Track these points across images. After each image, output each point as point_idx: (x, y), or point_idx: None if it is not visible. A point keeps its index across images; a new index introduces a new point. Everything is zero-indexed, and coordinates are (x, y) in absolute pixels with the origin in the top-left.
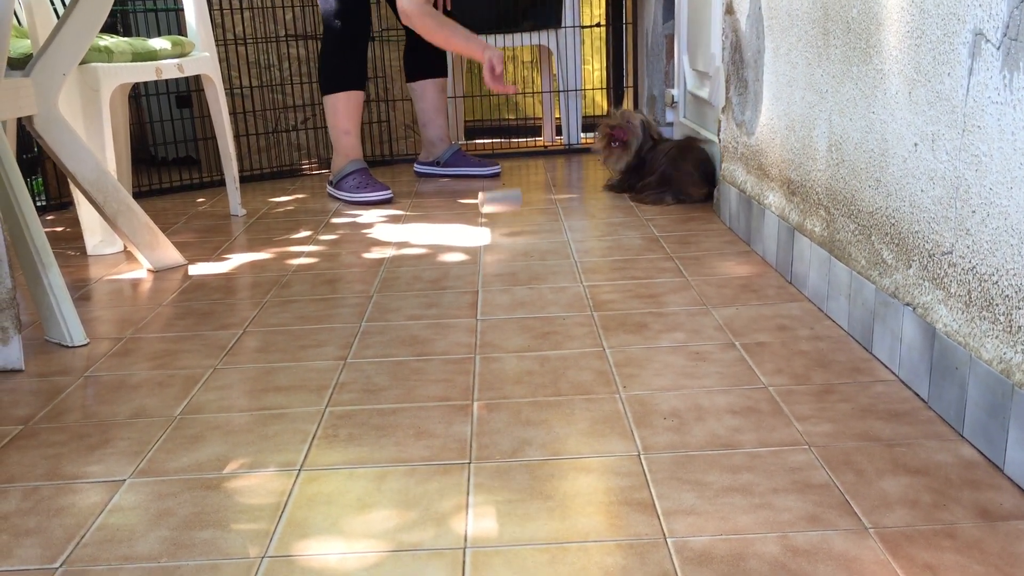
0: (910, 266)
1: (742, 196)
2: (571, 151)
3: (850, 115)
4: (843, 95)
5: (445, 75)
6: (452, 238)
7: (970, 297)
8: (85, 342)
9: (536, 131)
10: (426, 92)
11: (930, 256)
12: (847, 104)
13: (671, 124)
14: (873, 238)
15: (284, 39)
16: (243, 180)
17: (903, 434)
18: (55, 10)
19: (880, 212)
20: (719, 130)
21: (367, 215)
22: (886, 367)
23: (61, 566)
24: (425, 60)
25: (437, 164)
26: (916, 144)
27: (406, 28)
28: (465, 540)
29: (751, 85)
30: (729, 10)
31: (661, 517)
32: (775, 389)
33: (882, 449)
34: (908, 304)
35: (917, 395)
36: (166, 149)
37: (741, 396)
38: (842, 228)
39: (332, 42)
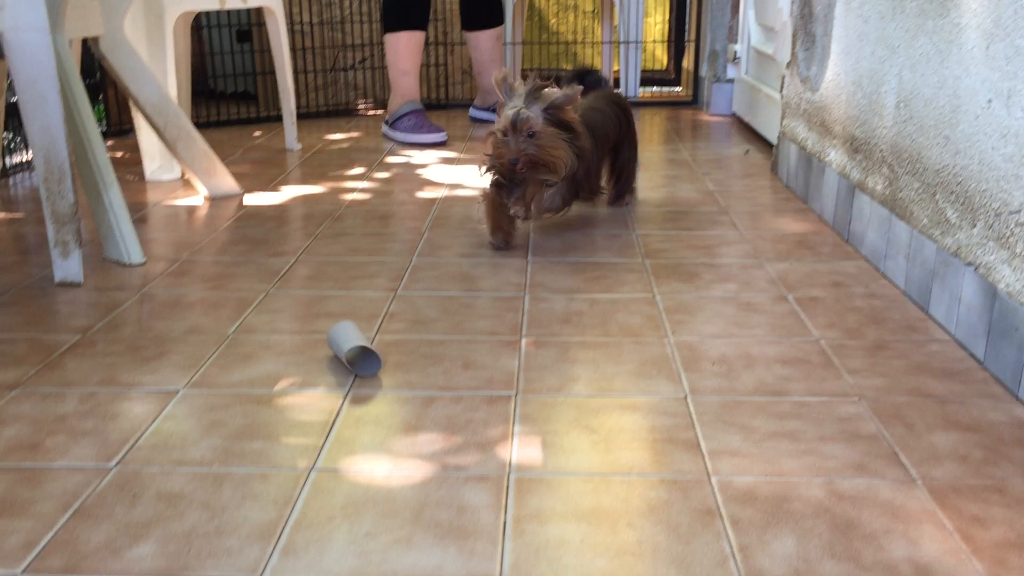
0: (975, 225)
1: (802, 153)
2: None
3: (922, 71)
4: (916, 50)
5: (501, 24)
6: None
7: None
8: (142, 261)
9: None
10: (480, 42)
11: (996, 215)
12: (919, 59)
13: (731, 80)
14: (937, 196)
15: None
16: (299, 117)
17: (956, 392)
18: None
19: (947, 170)
20: (782, 86)
21: (421, 156)
22: (942, 327)
23: (116, 465)
24: (481, 10)
25: (492, 111)
26: (990, 100)
27: None
28: (510, 467)
29: (819, 40)
30: None
31: (706, 456)
32: (826, 342)
33: (934, 405)
34: (970, 264)
35: (972, 355)
36: (224, 82)
37: (791, 347)
38: (905, 186)
39: None
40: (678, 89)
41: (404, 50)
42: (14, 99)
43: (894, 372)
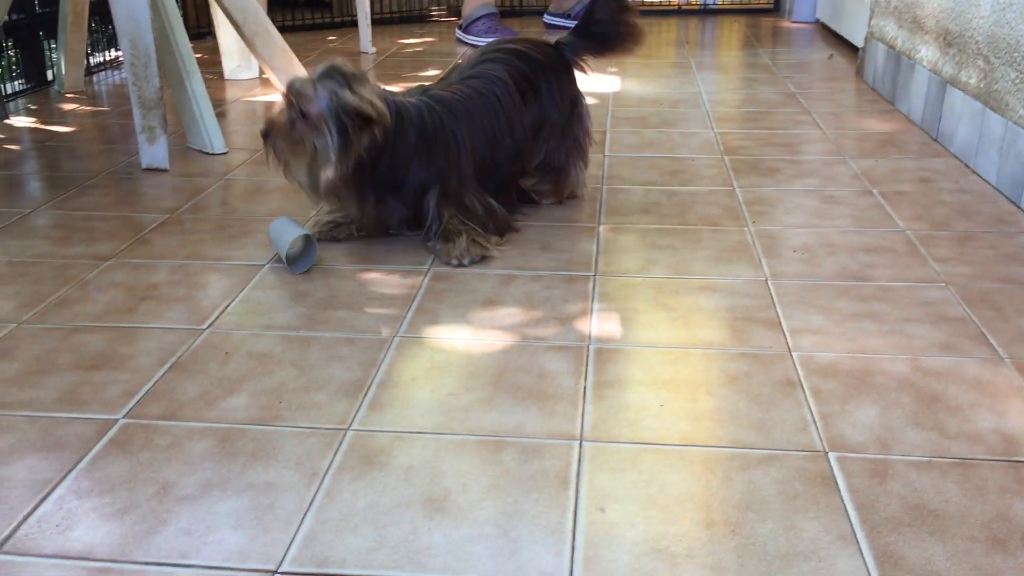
0: None
1: (891, 52)
2: (707, 11)
3: None
4: None
5: None
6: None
7: None
8: (225, 150)
9: None
10: None
11: None
12: None
13: None
14: None
15: None
16: (373, 23)
17: None
18: None
19: None
20: None
21: None
22: None
23: (208, 327)
24: None
25: (568, 17)
26: None
27: None
28: (589, 338)
29: None
30: None
31: (787, 334)
32: (913, 233)
33: (1023, 292)
34: None
35: None
36: None
37: (876, 237)
38: (1002, 77)
39: None
40: None
41: None
42: None
43: (983, 261)
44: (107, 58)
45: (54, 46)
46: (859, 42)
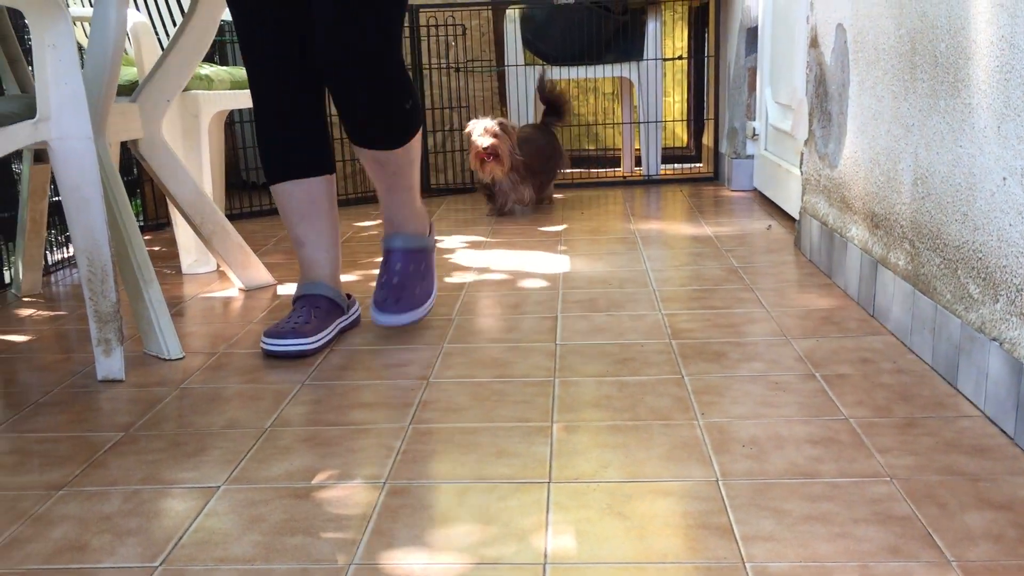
0: (997, 300)
1: (824, 229)
2: (650, 182)
3: (937, 149)
4: (930, 129)
5: (390, 148)
6: (532, 265)
7: None
8: (181, 356)
9: (615, 162)
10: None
11: (1018, 291)
12: (934, 138)
13: (752, 156)
14: (959, 272)
15: None
16: None
17: (988, 469)
18: (159, 41)
19: (967, 246)
20: (801, 162)
21: (449, 241)
22: (971, 402)
23: (160, 564)
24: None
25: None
26: (1005, 178)
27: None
28: (545, 556)
29: (835, 118)
30: (814, 43)
31: (740, 542)
32: (856, 421)
33: (966, 484)
34: (995, 339)
35: (1003, 431)
36: (257, 174)
37: (821, 426)
38: (927, 262)
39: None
40: (699, 165)
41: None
42: (56, 198)
43: (925, 450)
44: (65, 255)
45: (12, 246)
46: (794, 211)
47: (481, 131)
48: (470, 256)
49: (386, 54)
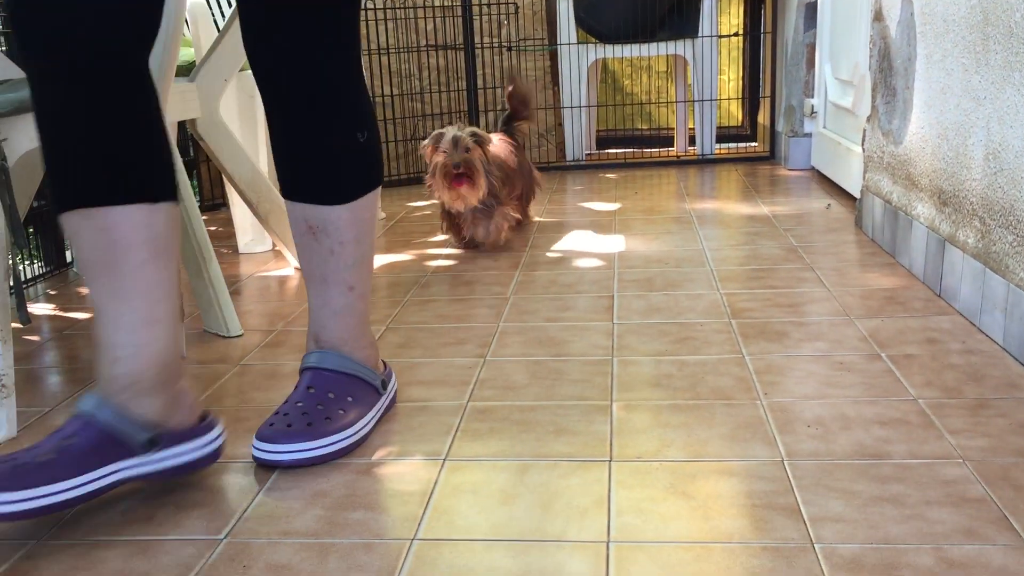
0: None
1: (887, 207)
2: (704, 161)
3: (1010, 122)
4: (1003, 102)
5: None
6: (586, 244)
7: None
8: (240, 333)
9: (668, 141)
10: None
11: None
12: (1007, 111)
13: (809, 134)
14: None
15: (424, 49)
16: (383, 185)
17: None
18: (216, 22)
19: None
20: (863, 140)
21: None
22: None
23: (225, 538)
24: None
25: None
26: None
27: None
28: (608, 534)
29: (900, 93)
30: (878, 17)
31: (807, 522)
32: (925, 402)
33: None
34: None
35: None
36: None
37: (889, 407)
38: (999, 239)
39: None
40: (754, 144)
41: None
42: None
43: (998, 432)
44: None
45: None
46: (854, 190)
47: (450, 144)
48: (524, 237)
49: (334, 61)
